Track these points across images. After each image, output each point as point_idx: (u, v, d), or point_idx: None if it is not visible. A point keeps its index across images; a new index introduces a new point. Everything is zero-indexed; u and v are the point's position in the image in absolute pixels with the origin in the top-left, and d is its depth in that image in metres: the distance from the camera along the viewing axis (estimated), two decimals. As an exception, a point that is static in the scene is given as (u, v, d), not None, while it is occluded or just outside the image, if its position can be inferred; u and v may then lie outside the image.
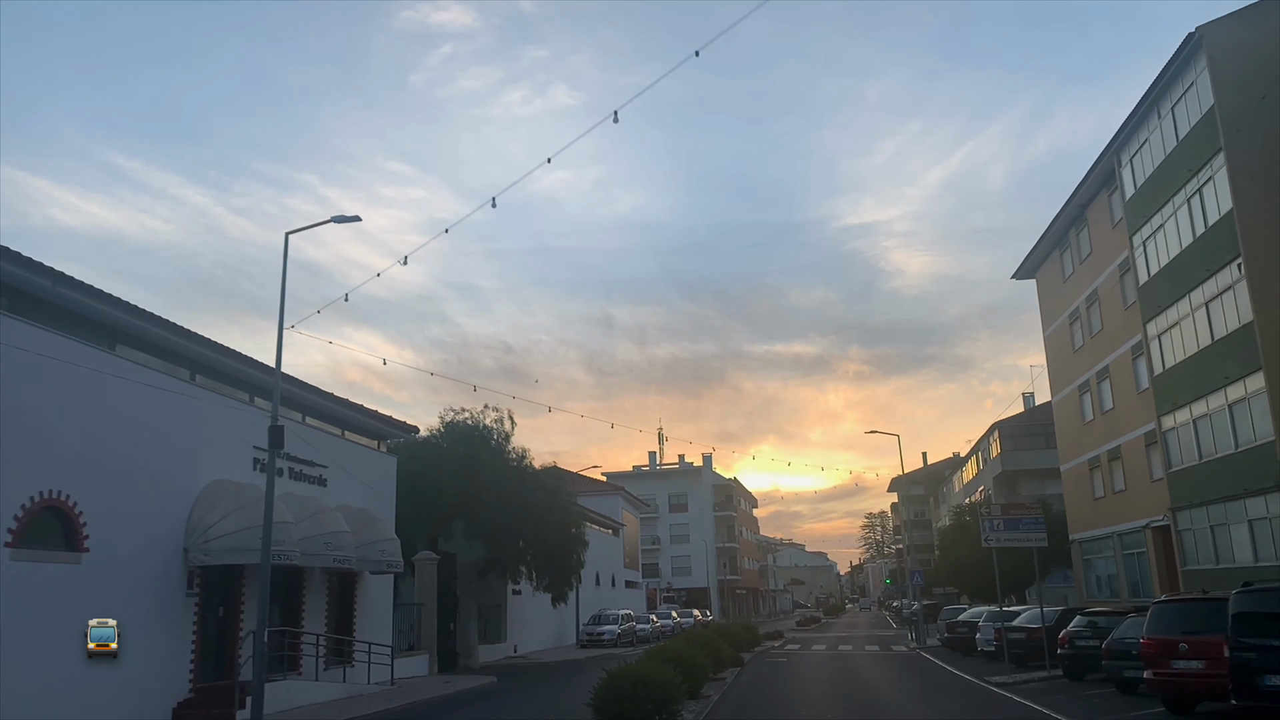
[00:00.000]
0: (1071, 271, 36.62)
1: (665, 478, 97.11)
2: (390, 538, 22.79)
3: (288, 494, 19.98)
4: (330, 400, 23.02)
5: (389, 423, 26.00)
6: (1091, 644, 18.59)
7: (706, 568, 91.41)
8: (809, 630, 59.79)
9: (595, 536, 55.13)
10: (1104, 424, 34.07)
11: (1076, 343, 36.64)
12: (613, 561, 58.74)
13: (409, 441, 32.06)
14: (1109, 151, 30.69)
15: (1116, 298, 31.73)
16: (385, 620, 24.67)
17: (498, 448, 32.13)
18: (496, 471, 30.91)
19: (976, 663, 25.90)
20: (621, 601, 56.99)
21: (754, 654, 31.47)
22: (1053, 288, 39.37)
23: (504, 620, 36.09)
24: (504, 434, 32.53)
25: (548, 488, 33.27)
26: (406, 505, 28.88)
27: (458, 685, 23.33)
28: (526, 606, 37.68)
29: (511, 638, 36.50)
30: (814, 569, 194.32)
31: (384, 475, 25.32)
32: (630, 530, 67.28)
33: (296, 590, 20.68)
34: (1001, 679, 19.77)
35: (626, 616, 44.68)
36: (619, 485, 64.81)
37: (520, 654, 36.07)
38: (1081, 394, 36.34)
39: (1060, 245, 37.66)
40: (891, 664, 27.90)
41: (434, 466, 30.55)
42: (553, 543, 32.71)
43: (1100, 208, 33.16)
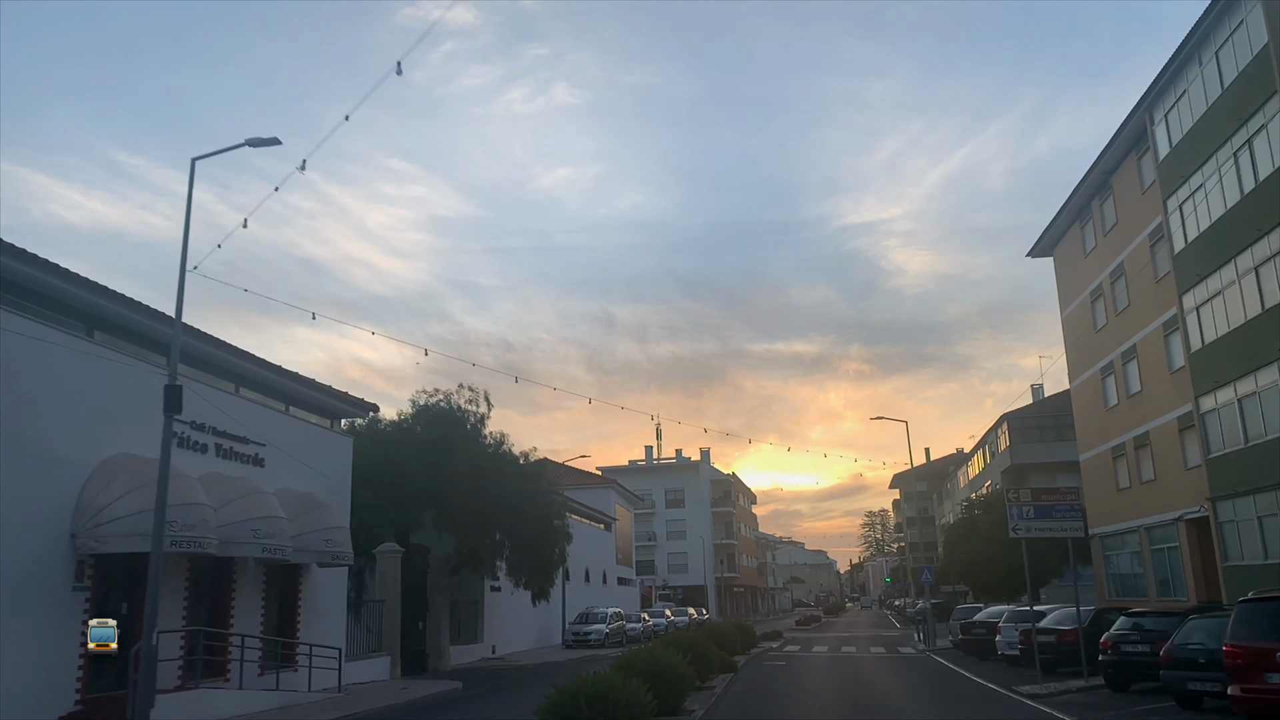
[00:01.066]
0: (1094, 245, 33.99)
1: (662, 472, 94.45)
2: (338, 526, 20.17)
3: (213, 474, 17.40)
4: (271, 370, 20.41)
5: (344, 399, 23.39)
6: (1140, 650, 16.02)
7: (704, 565, 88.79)
8: (809, 630, 57.20)
9: (585, 531, 52.57)
10: (1130, 409, 31.46)
11: (1099, 322, 34.02)
12: (604, 557, 56.15)
13: (376, 425, 29.53)
14: (1139, 110, 28.07)
15: (1146, 270, 29.11)
16: (337, 619, 22.06)
17: (472, 431, 29.53)
18: (470, 457, 28.32)
19: (997, 668, 23.29)
20: (613, 599, 54.43)
21: (750, 657, 28.88)
22: (1072, 264, 36.74)
23: (480, 619, 33.48)
24: (479, 416, 29.95)
25: (527, 475, 30.67)
26: (367, 493, 26.35)
27: (415, 692, 20.73)
28: (506, 604, 35.08)
29: (489, 638, 33.90)
30: (814, 567, 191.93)
31: (337, 458, 22.72)
32: (623, 525, 64.66)
33: (224, 584, 18.08)
34: (1033, 689, 17.16)
35: (616, 615, 42.07)
36: (611, 478, 62.16)
37: (498, 655, 33.47)
38: (1104, 377, 33.72)
39: (1081, 218, 35.03)
40: (902, 669, 25.29)
41: (401, 451, 27.99)
42: (532, 535, 30.12)
43: (1128, 174, 30.53)
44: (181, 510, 14.78)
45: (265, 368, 20.11)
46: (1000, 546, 35.08)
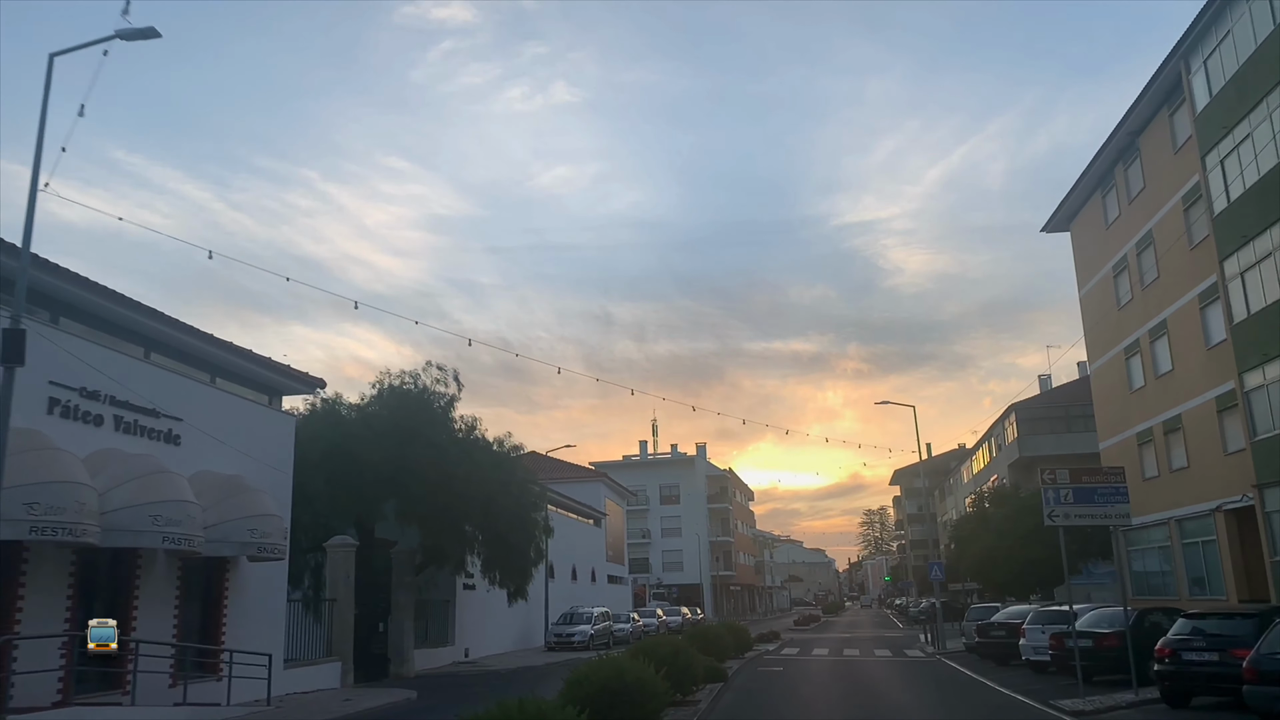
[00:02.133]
0: (1117, 215, 31.38)
1: (656, 467, 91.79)
2: (269, 514, 17.51)
3: (108, 450, 14.76)
4: (191, 335, 17.74)
5: (285, 373, 20.73)
6: (1205, 658, 13.41)
7: (699, 563, 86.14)
8: (808, 630, 54.59)
9: (572, 526, 49.95)
10: (1159, 390, 28.86)
11: (1122, 297, 31.41)
12: (593, 554, 53.52)
13: (334, 408, 26.89)
14: (1172, 60, 25.47)
15: (1179, 236, 26.49)
16: (272, 621, 19.41)
17: (440, 414, 26.89)
18: (436, 442, 25.68)
19: (1021, 676, 20.67)
20: (603, 599, 51.79)
21: (744, 661, 26.26)
22: (1092, 238, 34.15)
23: (451, 620, 30.83)
24: (448, 399, 27.29)
25: (502, 463, 28.04)
26: (319, 480, 23.75)
27: (360, 704, 18.10)
28: (481, 604, 32.44)
29: (462, 640, 31.25)
30: (812, 565, 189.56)
31: (275, 439, 20.07)
32: (614, 521, 62.03)
33: (124, 580, 15.43)
34: (1076, 704, 14.54)
35: (602, 615, 39.42)
36: (602, 472, 59.51)
37: (470, 660, 30.83)
38: (1129, 357, 31.11)
39: (1103, 186, 32.42)
40: (915, 677, 22.68)
41: (360, 436, 25.37)
42: (507, 528, 27.49)
43: (1158, 132, 27.91)
44: (47, 490, 12.18)
45: (182, 330, 17.45)
46: (1015, 541, 32.57)
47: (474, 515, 26.50)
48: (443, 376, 27.13)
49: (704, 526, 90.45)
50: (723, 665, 21.84)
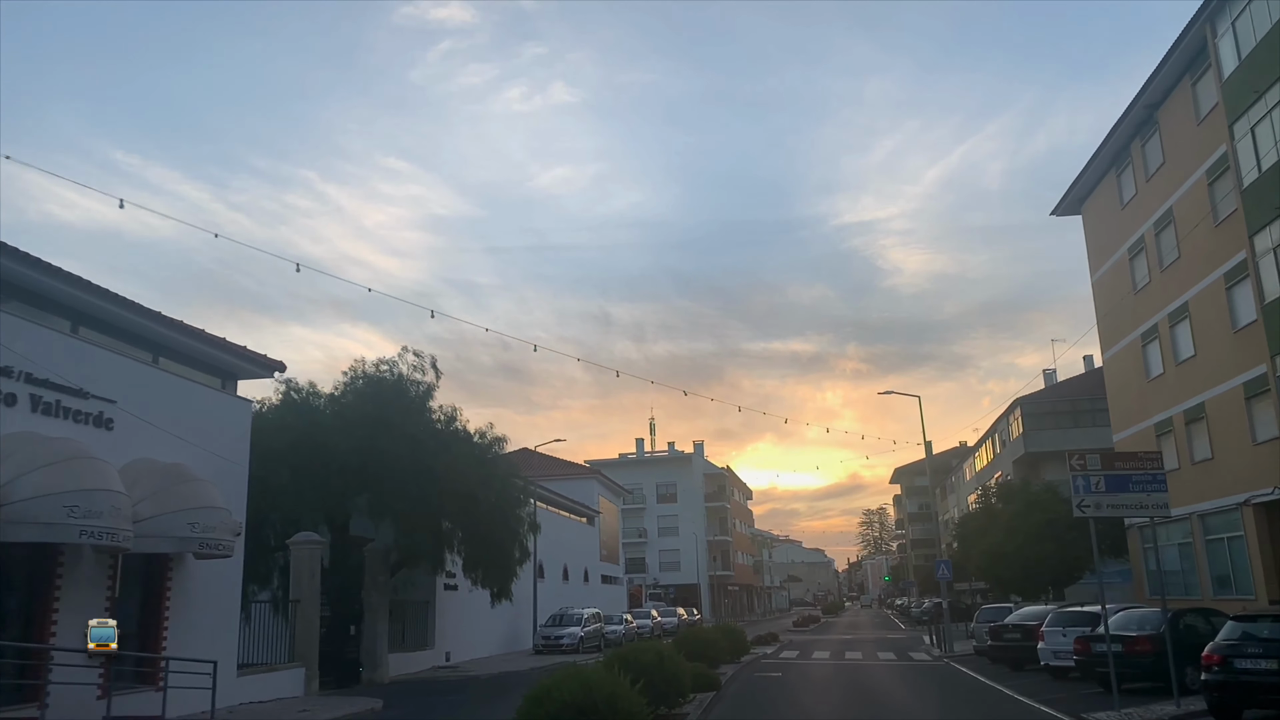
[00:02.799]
0: (1133, 194, 29.76)
1: (652, 465, 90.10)
2: (213, 506, 15.85)
3: (23, 433, 13.12)
4: (129, 309, 16.08)
5: (239, 354, 19.04)
6: (1262, 666, 11.78)
7: (697, 563, 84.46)
8: (808, 631, 52.95)
9: (564, 524, 48.34)
10: (1180, 377, 27.25)
11: (1139, 280, 29.80)
12: (586, 553, 51.87)
13: (305, 396, 25.26)
14: (1196, 23, 23.88)
15: (1203, 212, 24.88)
16: (225, 623, 17.76)
17: (416, 403, 25.27)
18: (411, 433, 24.06)
19: (1039, 681, 19.05)
20: (596, 599, 50.16)
21: (740, 666, 24.62)
22: (1106, 219, 32.53)
23: (431, 622, 29.16)
24: (425, 387, 25.68)
25: (483, 456, 26.39)
26: (284, 473, 22.17)
27: (317, 715, 16.46)
28: (464, 605, 30.79)
29: (442, 643, 29.59)
30: (811, 565, 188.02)
31: (228, 425, 18.40)
32: (608, 519, 60.39)
33: (44, 578, 13.77)
34: (1111, 717, 12.89)
35: (593, 616, 37.78)
36: (595, 469, 57.84)
37: (451, 664, 29.17)
38: (1146, 343, 29.50)
39: (1118, 164, 30.80)
40: (924, 683, 21.06)
41: (329, 426, 23.77)
42: (489, 525, 25.85)
43: (1179, 103, 26.30)
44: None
45: (119, 305, 15.79)
46: (1026, 538, 30.96)
47: (453, 511, 24.90)
48: (419, 364, 25.54)
49: (701, 525, 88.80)
50: (716, 671, 20.22)
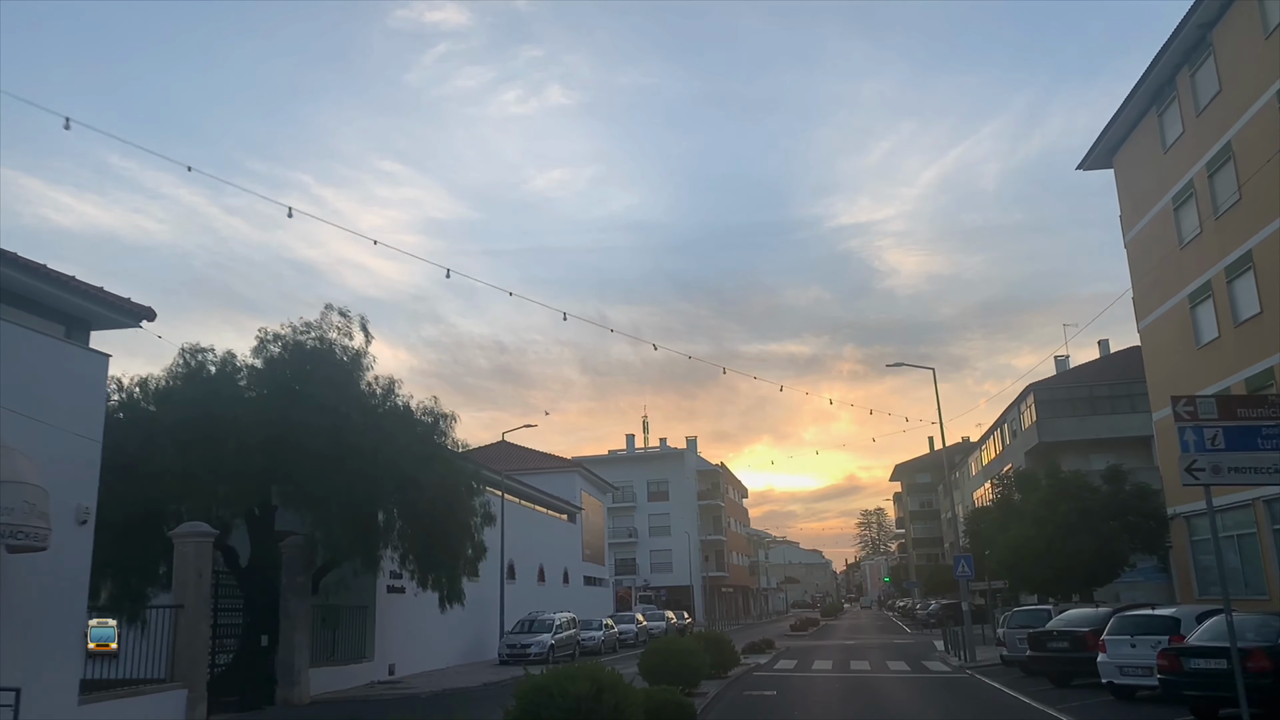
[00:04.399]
0: (1180, 133, 25.90)
1: (643, 462, 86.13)
2: (19, 482, 11.89)
3: None
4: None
5: (90, 296, 15.04)
6: None
7: (689, 563, 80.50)
8: (806, 636, 49.00)
9: (541, 521, 44.43)
10: (1239, 342, 23.38)
11: (1186, 232, 25.94)
12: (566, 553, 47.90)
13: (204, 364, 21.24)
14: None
15: (1272, 142, 21.02)
16: (61, 636, 13.76)
17: (341, 373, 21.32)
18: (333, 406, 20.12)
19: (1103, 703, 15.16)
20: (577, 602, 46.24)
21: (728, 682, 20.67)
22: (1144, 168, 28.67)
23: (369, 630, 25.18)
24: (353, 353, 21.73)
25: (424, 435, 22.49)
26: (168, 452, 18.25)
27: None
28: (412, 610, 26.79)
29: (385, 654, 25.62)
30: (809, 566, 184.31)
31: (74, 385, 14.43)
32: (594, 517, 56.43)
33: None
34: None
35: (568, 622, 33.79)
36: (577, 463, 53.86)
37: (395, 678, 25.22)
38: (1195, 305, 25.63)
39: (1159, 101, 26.93)
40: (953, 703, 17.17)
41: (228, 396, 19.86)
42: (431, 516, 21.92)
43: (1241, 16, 22.44)
44: None
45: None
46: (1056, 530, 27.05)
47: (386, 499, 20.96)
48: (345, 325, 21.55)
49: (694, 525, 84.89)
50: (693, 693, 16.30)
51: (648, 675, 16.26)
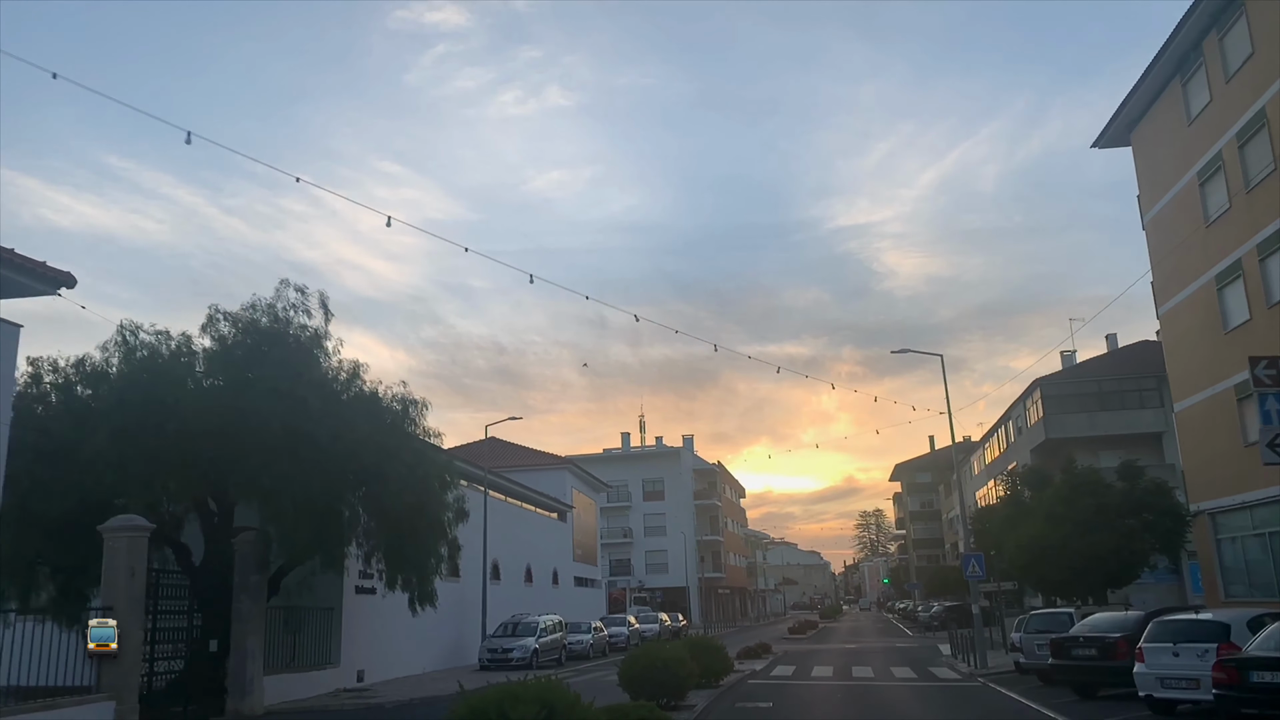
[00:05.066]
0: (1207, 101, 24.19)
1: (639, 461, 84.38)
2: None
3: None
4: None
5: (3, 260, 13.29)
6: None
7: (685, 564, 78.74)
8: (805, 639, 47.26)
9: (530, 519, 42.72)
10: (1272, 324, 21.66)
11: (1213, 209, 24.24)
12: (556, 552, 46.14)
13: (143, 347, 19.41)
14: None
15: (1314, 104, 19.32)
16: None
17: (298, 353, 19.57)
18: (293, 394, 18.38)
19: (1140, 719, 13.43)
20: (567, 604, 44.54)
21: (717, 692, 18.91)
22: (1166, 142, 26.95)
23: (335, 634, 23.40)
24: (312, 332, 19.98)
25: (391, 425, 20.74)
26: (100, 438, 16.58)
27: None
28: (384, 611, 25.02)
29: (353, 659, 23.87)
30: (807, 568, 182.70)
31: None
32: (585, 516, 54.67)
33: None
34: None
35: (554, 625, 32.02)
36: (567, 459, 52.11)
37: (363, 685, 23.47)
38: (1223, 286, 23.91)
39: (1184, 69, 25.23)
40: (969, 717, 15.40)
41: (172, 377, 18.13)
42: (399, 511, 20.18)
43: (1276, -28, 20.77)
44: None
45: None
46: (1074, 528, 25.32)
47: (347, 492, 19.24)
48: (301, 301, 19.77)
49: (690, 525, 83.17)
50: (679, 705, 14.57)
51: (628, 686, 14.54)
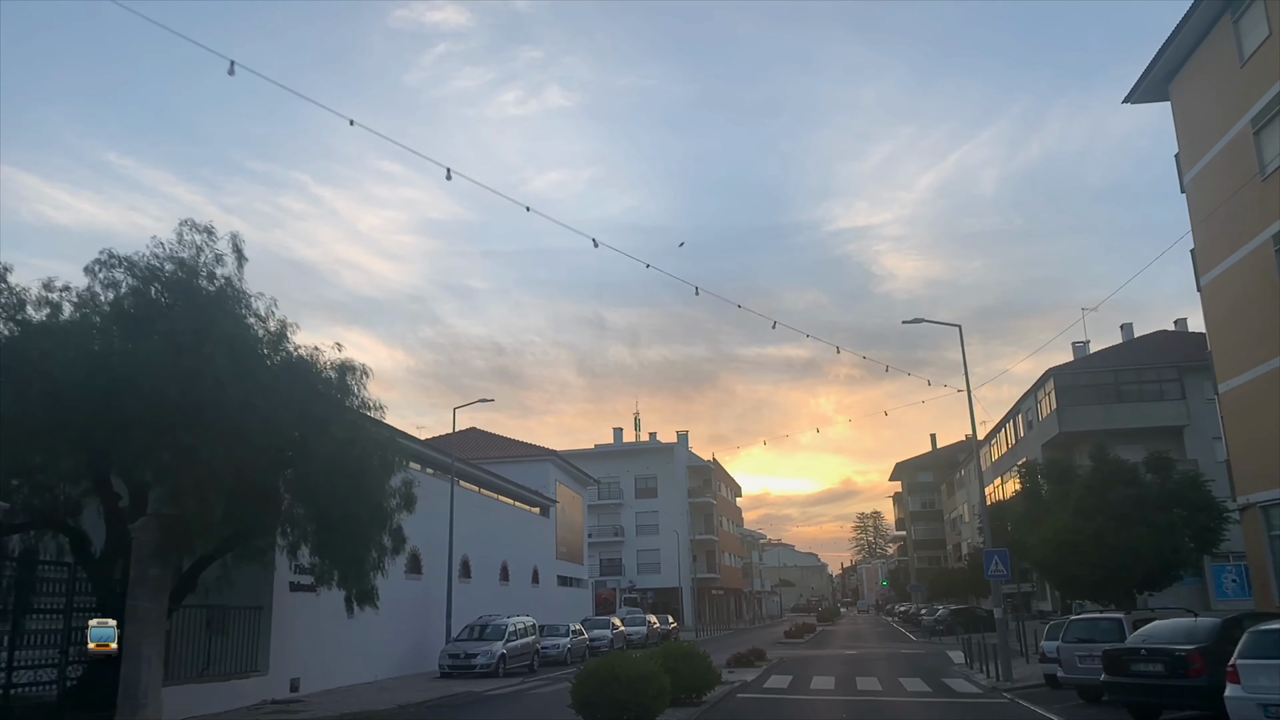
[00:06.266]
0: (1265, 37, 21.24)
1: (631, 456, 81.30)
2: None
3: None
4: None
5: None
6: None
7: (678, 564, 75.74)
8: (802, 644, 44.30)
9: (507, 512, 39.77)
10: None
11: (1269, 161, 21.28)
12: (536, 549, 43.14)
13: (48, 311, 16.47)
14: None
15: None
16: None
17: (204, 305, 16.54)
18: (197, 352, 15.41)
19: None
20: (549, 604, 41.66)
21: (700, 710, 15.95)
22: (1212, 90, 24.00)
23: (264, 636, 20.36)
24: (222, 281, 16.97)
25: (325, 396, 17.76)
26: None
27: None
28: (326, 612, 21.93)
29: (284, 666, 20.88)
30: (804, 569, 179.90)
31: None
32: (570, 511, 51.67)
33: None
34: None
35: (526, 628, 29.02)
36: (549, 450, 49.12)
37: (296, 696, 20.49)
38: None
39: (1234, 6, 22.32)
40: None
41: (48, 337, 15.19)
42: (331, 496, 17.21)
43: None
44: None
45: None
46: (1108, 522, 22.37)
47: (261, 469, 16.25)
48: (208, 243, 16.74)
49: (684, 523, 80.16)
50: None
51: (581, 708, 11.62)
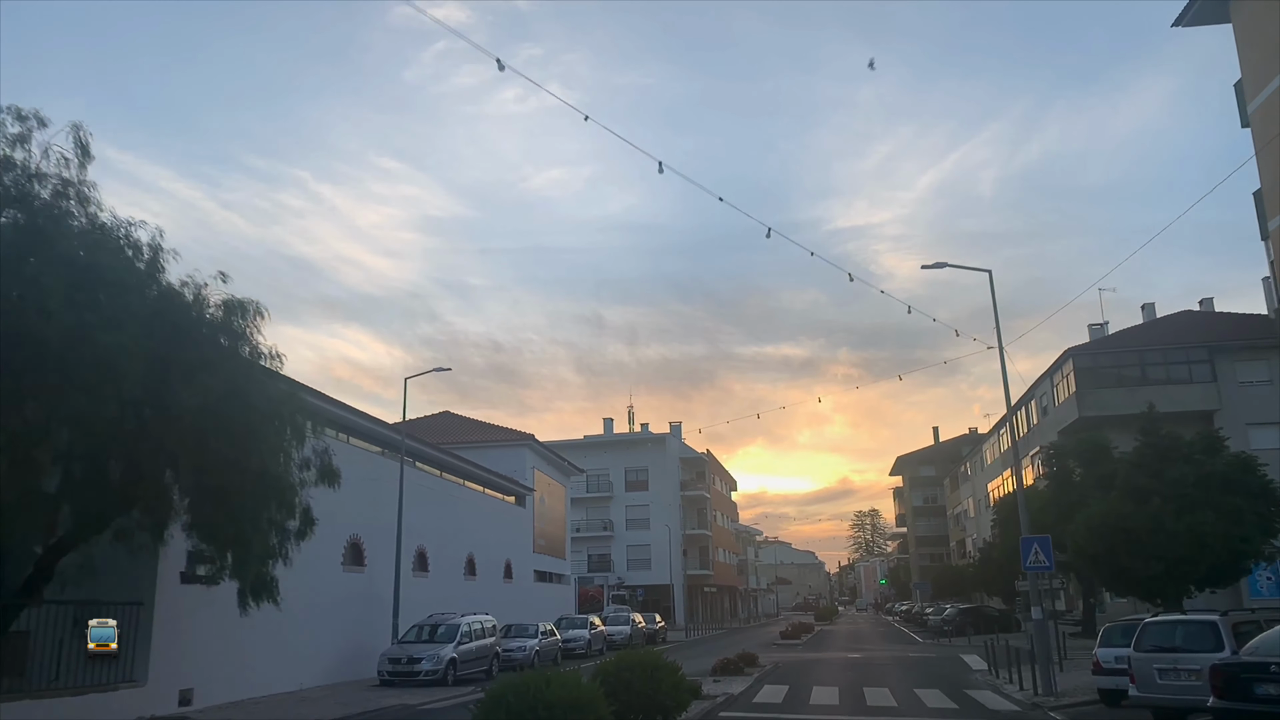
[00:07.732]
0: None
1: (621, 448, 77.67)
2: None
3: None
4: None
5: None
6: None
7: (669, 560, 72.20)
8: (799, 646, 40.74)
9: (474, 499, 36.17)
10: None
11: (1366, 72, 17.77)
12: (509, 541, 39.51)
13: None
14: None
15: None
16: None
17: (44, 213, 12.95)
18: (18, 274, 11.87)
19: None
20: (525, 602, 38.15)
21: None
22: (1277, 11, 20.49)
23: (143, 638, 16.65)
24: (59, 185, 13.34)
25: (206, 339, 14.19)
26: None
27: None
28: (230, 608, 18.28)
29: (172, 674, 17.20)
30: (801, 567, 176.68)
31: None
32: (552, 501, 48.08)
33: None
34: None
35: (484, 629, 25.42)
36: (527, 434, 45.48)
37: (189, 709, 16.86)
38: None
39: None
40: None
41: None
42: (218, 464, 13.70)
43: None
44: None
45: None
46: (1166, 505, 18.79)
47: (107, 427, 12.65)
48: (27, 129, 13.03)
49: (676, 517, 76.62)
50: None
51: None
